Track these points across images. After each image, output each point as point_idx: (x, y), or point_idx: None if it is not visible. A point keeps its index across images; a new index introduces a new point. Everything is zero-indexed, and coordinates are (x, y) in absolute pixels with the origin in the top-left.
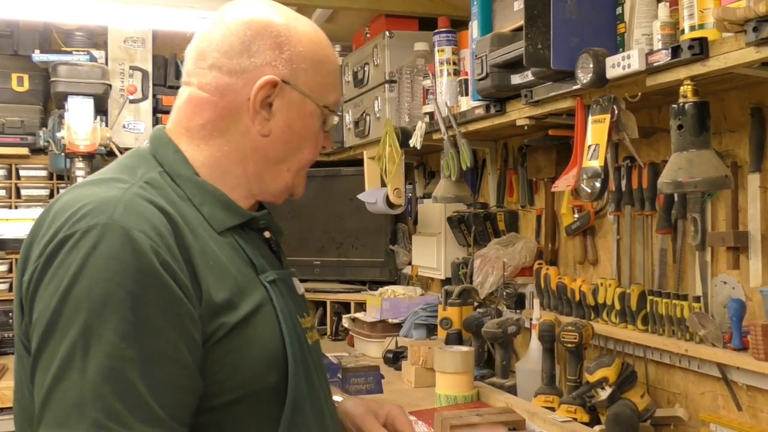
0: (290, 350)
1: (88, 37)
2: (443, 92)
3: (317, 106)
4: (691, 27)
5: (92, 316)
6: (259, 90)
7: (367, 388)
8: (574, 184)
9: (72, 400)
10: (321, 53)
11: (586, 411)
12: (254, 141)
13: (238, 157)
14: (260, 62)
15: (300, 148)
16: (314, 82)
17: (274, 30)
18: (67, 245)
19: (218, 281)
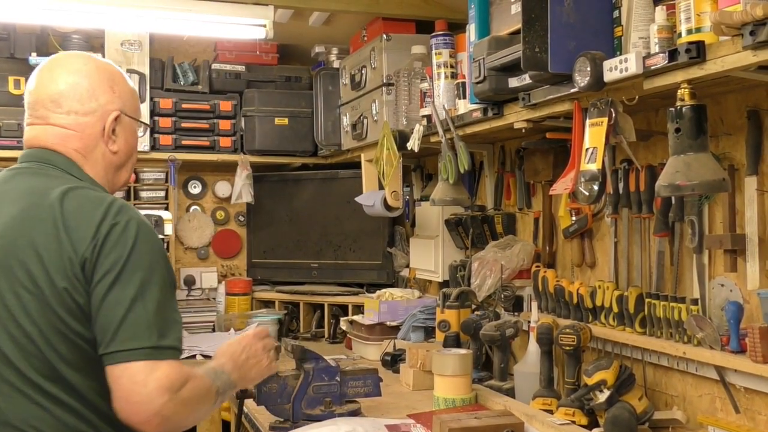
0: None
1: (84, 40)
2: (441, 95)
3: (137, 122)
4: (688, 30)
5: (146, 272)
6: (111, 122)
7: (366, 391)
8: (571, 187)
9: (139, 324)
10: (129, 84)
11: (584, 414)
12: (108, 157)
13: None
14: (103, 103)
15: (131, 155)
16: (132, 107)
17: (104, 77)
18: (118, 227)
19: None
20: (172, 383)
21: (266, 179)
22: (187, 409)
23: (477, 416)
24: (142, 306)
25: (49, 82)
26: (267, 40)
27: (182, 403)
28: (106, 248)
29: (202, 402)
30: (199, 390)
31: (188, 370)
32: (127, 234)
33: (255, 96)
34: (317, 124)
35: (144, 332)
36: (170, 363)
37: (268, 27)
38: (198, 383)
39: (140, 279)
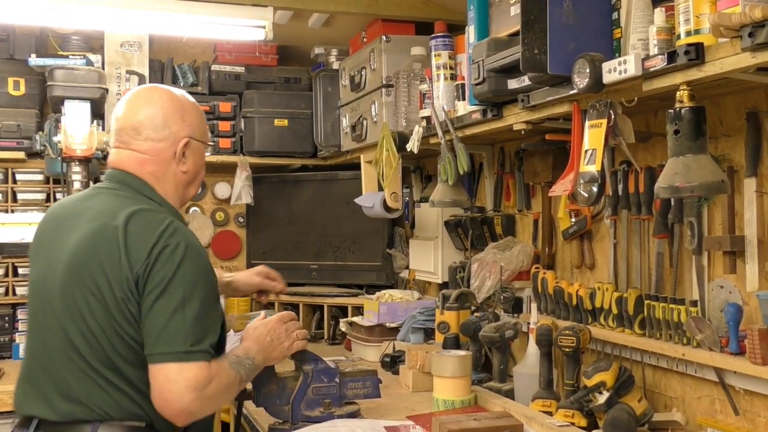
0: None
1: (84, 42)
2: (440, 96)
3: (204, 145)
4: (687, 32)
5: (187, 288)
6: (182, 147)
7: (365, 393)
8: (571, 188)
9: (177, 331)
10: (198, 110)
11: (583, 415)
12: (178, 177)
13: (173, 187)
14: (176, 131)
15: (200, 173)
16: (200, 131)
17: (176, 108)
18: (168, 249)
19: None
20: (199, 383)
21: (266, 180)
22: (212, 403)
23: (476, 418)
24: (182, 317)
25: (131, 113)
26: (266, 42)
27: (208, 399)
28: (156, 267)
29: (226, 393)
30: (223, 385)
31: (216, 368)
32: (175, 255)
33: (254, 97)
34: (317, 126)
35: (180, 339)
36: (199, 365)
37: (267, 28)
38: (223, 380)
39: (182, 294)
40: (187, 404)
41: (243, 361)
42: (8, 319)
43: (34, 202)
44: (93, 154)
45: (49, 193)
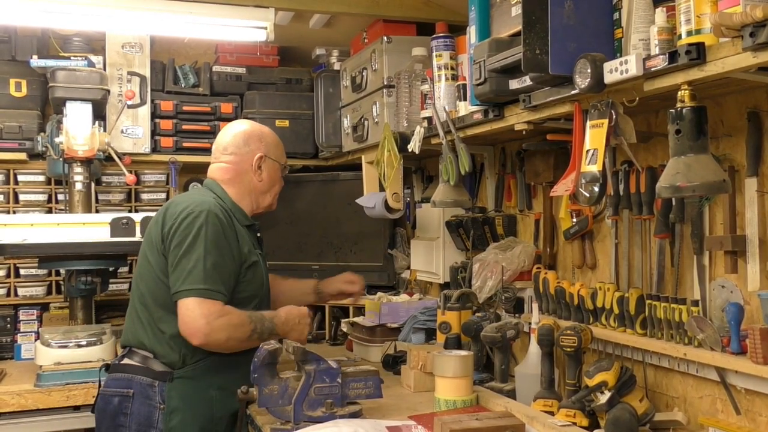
0: (265, 281)
1: (85, 43)
2: (441, 97)
3: (278, 164)
4: (688, 32)
5: (205, 246)
6: (257, 160)
7: (367, 393)
8: (572, 188)
9: (196, 276)
10: (276, 139)
11: (585, 415)
12: (254, 184)
13: (247, 192)
14: (253, 148)
15: (274, 185)
16: (275, 153)
17: (255, 133)
18: (191, 216)
19: (244, 243)
20: (210, 313)
21: None
22: (222, 332)
23: (478, 418)
24: (202, 266)
25: (223, 135)
26: (268, 43)
27: (218, 328)
28: (181, 227)
29: (235, 331)
30: (233, 323)
31: (229, 309)
32: (196, 221)
33: (256, 98)
34: (318, 126)
35: (198, 281)
36: (213, 302)
37: (268, 29)
38: (233, 319)
39: (203, 249)
40: (200, 326)
41: (263, 320)
42: (10, 320)
43: (35, 203)
44: (94, 155)
45: (50, 195)
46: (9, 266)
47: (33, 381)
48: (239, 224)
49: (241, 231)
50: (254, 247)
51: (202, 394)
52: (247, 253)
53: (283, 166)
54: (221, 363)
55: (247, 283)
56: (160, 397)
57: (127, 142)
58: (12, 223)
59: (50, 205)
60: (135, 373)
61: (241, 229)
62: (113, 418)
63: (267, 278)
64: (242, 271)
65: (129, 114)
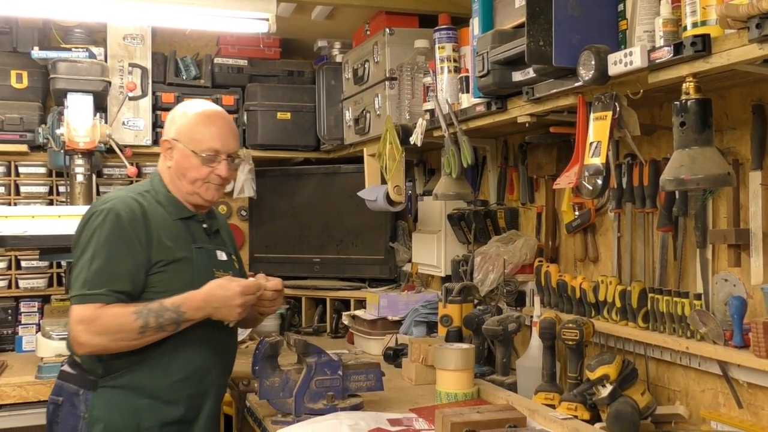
0: (196, 277)
1: (87, 34)
2: (444, 89)
3: (189, 151)
4: (694, 24)
5: (94, 249)
6: (162, 144)
7: (368, 385)
8: (575, 181)
9: (79, 280)
10: (195, 122)
11: (586, 408)
12: (172, 171)
13: (171, 180)
14: (165, 131)
15: (186, 174)
16: (187, 138)
17: (173, 114)
18: (93, 217)
19: (166, 237)
20: (84, 318)
21: (268, 174)
22: (101, 336)
23: (479, 411)
24: (87, 268)
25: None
26: (270, 34)
27: (95, 332)
28: (77, 235)
29: (118, 330)
30: (113, 324)
31: (103, 310)
32: (93, 221)
33: (257, 90)
34: (320, 119)
35: (79, 287)
36: (88, 306)
37: (270, 21)
38: (110, 320)
39: (92, 251)
40: (75, 334)
41: (161, 310)
42: (11, 311)
43: (36, 195)
44: (96, 146)
45: (51, 186)
46: (10, 258)
47: (34, 373)
48: (170, 217)
49: (166, 225)
50: (191, 241)
51: (127, 404)
52: (170, 248)
53: (208, 156)
54: (150, 371)
55: (166, 282)
56: (84, 406)
57: (129, 134)
58: (13, 215)
59: (51, 197)
60: (65, 380)
61: (169, 223)
62: (49, 427)
63: (206, 274)
64: (157, 268)
65: (130, 106)
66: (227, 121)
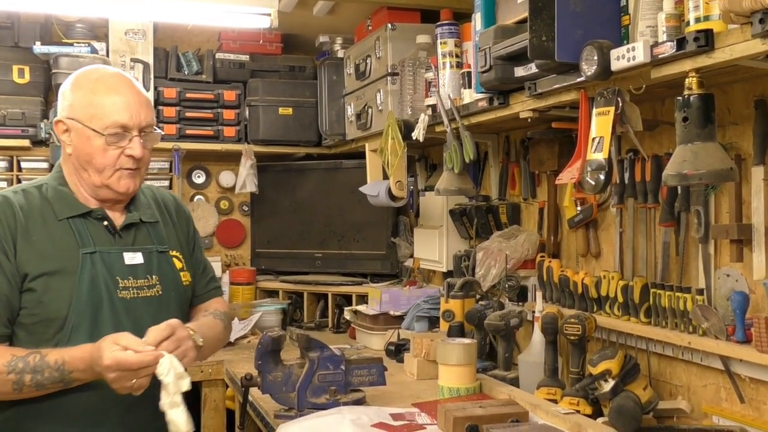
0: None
1: (88, 29)
2: (446, 85)
3: (89, 129)
4: (697, 19)
5: None
6: (55, 126)
7: (370, 380)
8: (578, 176)
9: None
10: (91, 97)
11: (588, 403)
12: (72, 158)
13: (72, 168)
14: (59, 110)
15: (92, 159)
16: (85, 113)
17: (63, 89)
18: None
19: (34, 248)
20: None
21: (270, 169)
22: None
23: (481, 405)
24: None
25: None
26: (271, 30)
27: None
28: None
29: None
30: None
31: None
32: None
33: (259, 85)
34: (321, 114)
35: None
36: None
37: (272, 16)
38: None
39: None
40: None
41: (39, 368)
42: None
43: None
44: None
45: None
46: None
47: None
48: (55, 217)
49: (45, 228)
50: (77, 245)
51: None
52: (41, 258)
53: (113, 134)
54: (36, 410)
55: (36, 303)
56: None
57: None
58: None
59: None
60: None
61: (51, 225)
62: None
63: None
64: (26, 285)
65: None
66: (131, 86)
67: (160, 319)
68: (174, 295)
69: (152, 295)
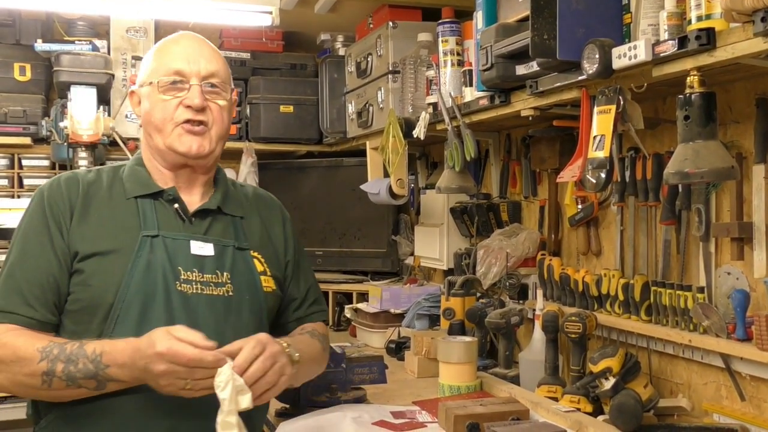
0: (131, 285)
1: (90, 27)
2: (447, 83)
3: (149, 85)
4: (698, 17)
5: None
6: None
7: (371, 378)
8: (579, 174)
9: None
10: (155, 56)
11: (589, 401)
12: (144, 130)
13: (146, 144)
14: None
15: (154, 114)
16: (147, 71)
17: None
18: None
19: (91, 225)
20: None
21: (271, 167)
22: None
23: (482, 403)
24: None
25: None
26: (272, 28)
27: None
28: None
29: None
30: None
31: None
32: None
33: (260, 83)
34: (322, 112)
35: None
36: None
37: (274, 14)
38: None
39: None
40: None
41: (74, 356)
42: None
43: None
44: (99, 139)
45: None
46: None
47: None
48: (123, 196)
49: (109, 205)
50: (139, 226)
51: None
52: (95, 235)
53: (169, 81)
54: (75, 415)
55: (83, 286)
56: None
57: (132, 126)
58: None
59: None
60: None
61: (117, 203)
62: None
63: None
64: (75, 265)
65: None
66: (194, 37)
67: (226, 324)
68: (248, 299)
69: (220, 294)
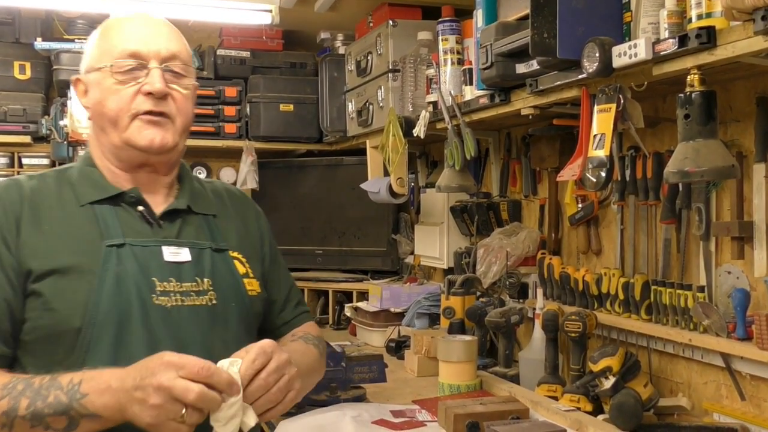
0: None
1: (90, 26)
2: (447, 81)
3: (98, 71)
4: (699, 15)
5: None
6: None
7: (371, 377)
8: (579, 173)
9: None
10: (101, 39)
11: (589, 400)
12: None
13: (97, 141)
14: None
15: (103, 111)
16: (94, 57)
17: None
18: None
19: (44, 238)
20: None
21: (271, 166)
22: None
23: (482, 402)
24: None
25: None
26: (272, 26)
27: None
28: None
29: None
30: None
31: None
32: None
33: (260, 82)
34: (322, 111)
35: None
36: None
37: (274, 12)
38: None
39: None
40: None
41: (42, 389)
42: None
43: None
44: None
45: None
46: None
47: None
48: (77, 202)
49: (62, 214)
50: (100, 236)
51: None
52: (50, 250)
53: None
54: None
55: (42, 311)
56: None
57: None
58: None
59: None
60: None
61: (70, 211)
62: None
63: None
64: (30, 287)
65: None
66: (152, 19)
67: (213, 337)
68: (235, 306)
69: (203, 304)
